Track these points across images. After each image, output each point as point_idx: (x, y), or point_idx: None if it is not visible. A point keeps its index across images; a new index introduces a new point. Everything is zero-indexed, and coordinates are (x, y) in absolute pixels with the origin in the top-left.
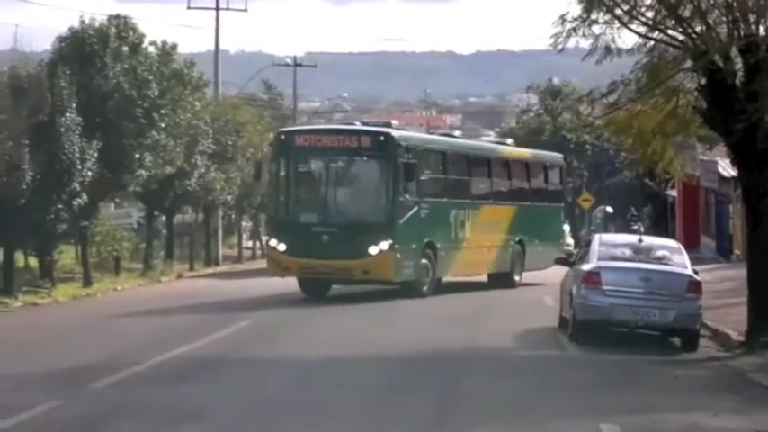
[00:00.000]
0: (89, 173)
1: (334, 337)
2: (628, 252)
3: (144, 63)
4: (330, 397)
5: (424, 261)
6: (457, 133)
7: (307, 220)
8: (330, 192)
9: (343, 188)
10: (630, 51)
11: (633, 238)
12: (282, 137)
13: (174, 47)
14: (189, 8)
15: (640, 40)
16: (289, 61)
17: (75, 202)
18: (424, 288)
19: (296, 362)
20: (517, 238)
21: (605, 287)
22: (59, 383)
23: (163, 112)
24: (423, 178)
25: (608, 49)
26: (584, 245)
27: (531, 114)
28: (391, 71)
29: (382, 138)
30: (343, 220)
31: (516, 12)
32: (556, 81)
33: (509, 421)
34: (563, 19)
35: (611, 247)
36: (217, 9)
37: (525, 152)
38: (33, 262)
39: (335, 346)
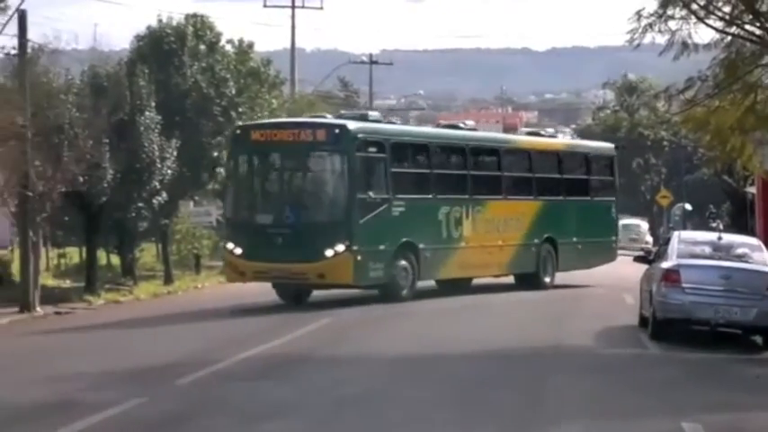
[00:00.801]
0: (168, 171)
1: (417, 333)
2: (707, 250)
3: (221, 61)
4: (415, 394)
5: (402, 263)
6: (468, 123)
7: (261, 221)
8: (285, 190)
9: (299, 186)
10: (707, 47)
11: (713, 236)
12: (238, 131)
13: (250, 45)
14: (265, 6)
15: (717, 36)
16: (365, 59)
17: (155, 201)
18: (403, 292)
19: (379, 358)
20: (545, 236)
21: (685, 285)
22: (144, 380)
23: (240, 110)
24: (396, 173)
25: (684, 45)
26: (662, 242)
27: (608, 111)
28: (467, 68)
29: (337, 131)
30: (298, 221)
31: (592, 7)
32: (632, 77)
33: (592, 418)
34: (639, 15)
35: (690, 244)
36: (293, 7)
37: (556, 143)
38: (115, 260)
39: (418, 342)
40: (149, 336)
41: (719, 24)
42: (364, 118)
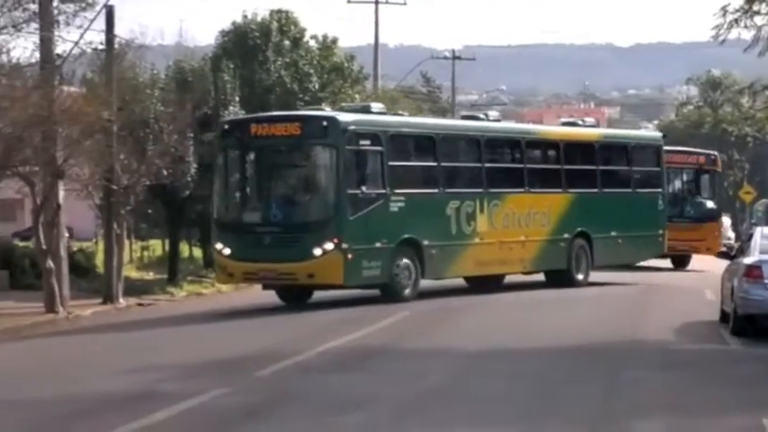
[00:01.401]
0: None
1: (495, 327)
2: None
3: (305, 57)
4: (492, 388)
5: (403, 261)
6: (492, 114)
7: (249, 220)
8: (273, 187)
9: (287, 182)
10: None
11: None
12: (225, 126)
13: (334, 40)
14: (349, 2)
15: None
16: (447, 54)
17: None
18: (406, 291)
19: (457, 352)
20: (578, 230)
21: (767, 281)
22: (226, 371)
23: (323, 105)
24: (395, 167)
25: None
26: (745, 238)
27: (691, 107)
28: (549, 63)
29: (325, 123)
30: (287, 219)
31: (676, 3)
32: (716, 73)
33: (672, 414)
34: (724, 10)
35: None
36: (376, 2)
37: (590, 132)
38: (197, 253)
39: (495, 336)
40: (230, 328)
41: None
42: (366, 110)
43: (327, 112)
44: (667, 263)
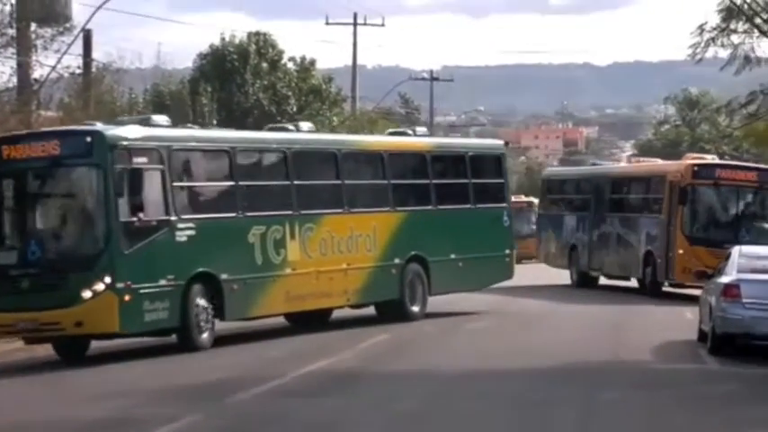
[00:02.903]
0: None
1: (473, 349)
2: None
3: (283, 79)
4: (471, 410)
5: (199, 301)
6: (305, 125)
7: (3, 261)
8: (31, 220)
9: (47, 213)
10: None
11: None
12: None
13: (312, 62)
14: (327, 24)
15: None
16: (425, 75)
17: None
18: (202, 336)
19: (435, 375)
20: (411, 254)
21: (745, 300)
22: (199, 396)
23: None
24: (181, 188)
25: (747, 59)
26: (723, 257)
27: (669, 125)
28: (528, 83)
29: (89, 139)
30: (47, 257)
31: (653, 22)
32: (693, 91)
33: None
34: (701, 29)
35: (751, 259)
36: (355, 24)
37: (421, 142)
38: None
39: (474, 358)
40: (207, 351)
41: None
42: (146, 122)
43: (93, 125)
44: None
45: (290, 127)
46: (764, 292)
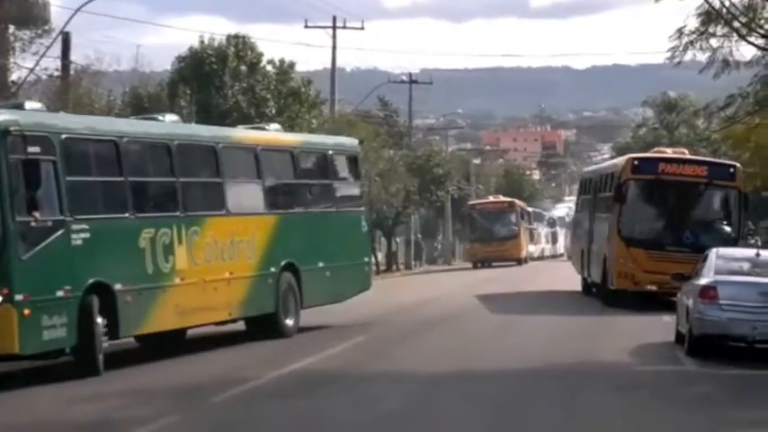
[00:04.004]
0: None
1: (450, 351)
2: (745, 266)
3: (262, 81)
4: (449, 412)
5: (95, 316)
6: (169, 117)
7: None
8: None
9: None
10: (749, 64)
11: (751, 252)
12: None
13: (291, 65)
14: (306, 27)
15: (759, 53)
16: (404, 78)
17: None
18: (100, 357)
19: (413, 377)
20: (284, 262)
21: (722, 301)
22: (177, 397)
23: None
24: (74, 183)
25: (726, 63)
26: (701, 259)
27: (647, 128)
28: (506, 86)
29: None
30: None
31: (632, 26)
32: (672, 95)
33: None
34: (680, 32)
35: (728, 260)
36: (334, 28)
37: (289, 138)
38: None
39: (451, 360)
40: (180, 354)
41: (761, 42)
42: (19, 107)
43: None
44: None
45: (160, 117)
46: (741, 294)
